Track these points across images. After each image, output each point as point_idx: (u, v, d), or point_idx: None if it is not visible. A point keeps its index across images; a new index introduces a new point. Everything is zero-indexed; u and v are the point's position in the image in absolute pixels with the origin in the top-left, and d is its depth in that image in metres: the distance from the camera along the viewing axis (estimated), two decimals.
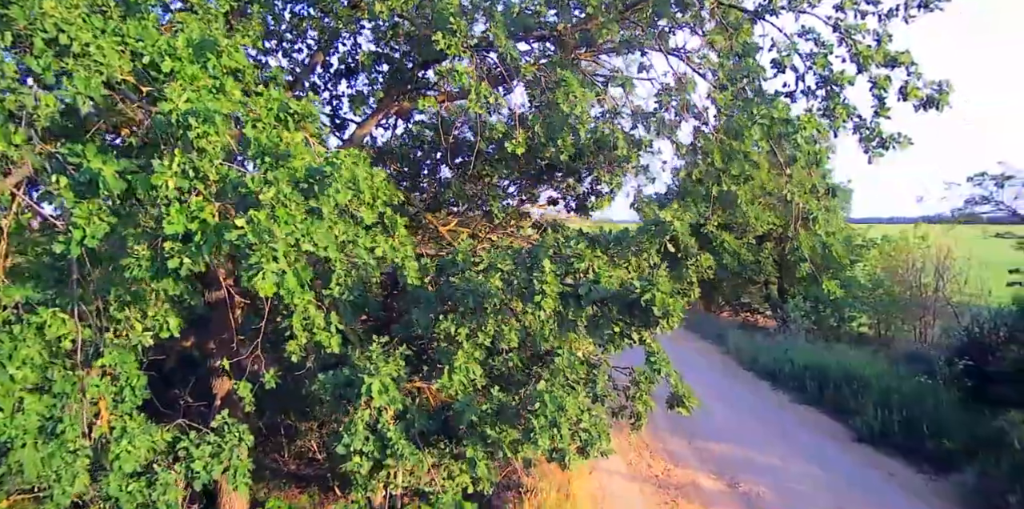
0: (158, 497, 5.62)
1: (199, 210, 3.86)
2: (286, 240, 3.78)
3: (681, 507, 11.51)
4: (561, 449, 5.97)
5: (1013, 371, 14.04)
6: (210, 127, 3.79)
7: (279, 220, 3.84)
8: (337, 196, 4.17)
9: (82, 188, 3.77)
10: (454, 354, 6.09)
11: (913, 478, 12.58)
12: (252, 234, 3.66)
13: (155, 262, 4.10)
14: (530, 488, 11.53)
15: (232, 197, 4.05)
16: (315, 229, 4.13)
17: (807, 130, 6.47)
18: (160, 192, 3.78)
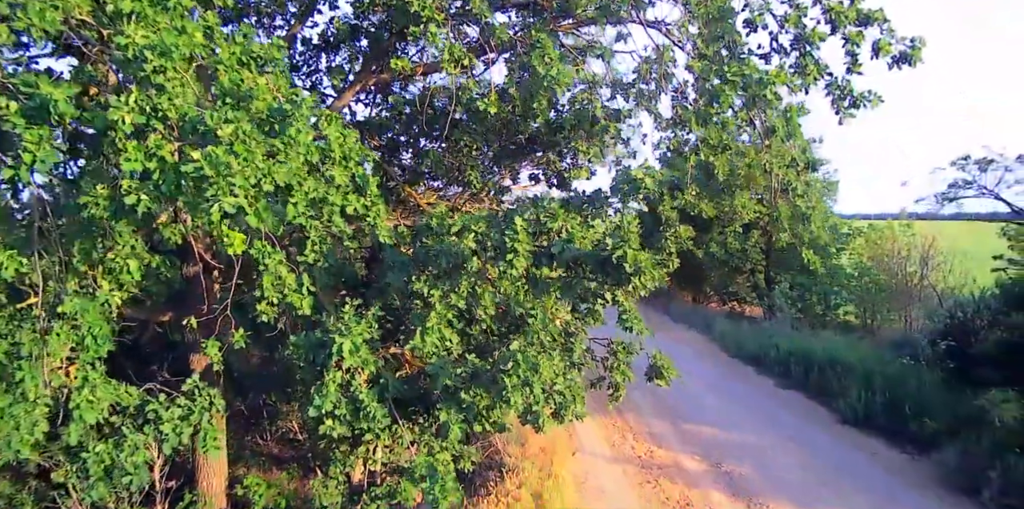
0: (125, 458, 5.55)
1: (157, 148, 3.80)
2: (243, 173, 3.72)
3: (663, 486, 11.51)
4: (535, 411, 5.94)
5: (995, 353, 14.11)
6: (167, 62, 3.72)
7: (238, 156, 3.77)
8: (299, 136, 4.12)
9: (32, 113, 3.69)
10: (427, 316, 6.04)
11: (896, 458, 12.65)
12: (208, 167, 3.60)
13: (114, 201, 4.03)
14: (512, 468, 11.51)
15: (192, 138, 3.98)
16: (277, 169, 4.07)
17: (777, 83, 6.45)
18: (118, 129, 3.71)
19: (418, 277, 6.14)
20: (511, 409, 5.68)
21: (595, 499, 11.05)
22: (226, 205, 3.62)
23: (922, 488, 11.27)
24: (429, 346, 5.89)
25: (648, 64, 7.50)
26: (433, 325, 5.90)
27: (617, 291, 6.22)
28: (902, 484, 11.47)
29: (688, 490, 11.30)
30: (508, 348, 5.92)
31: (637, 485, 11.63)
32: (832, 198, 25.37)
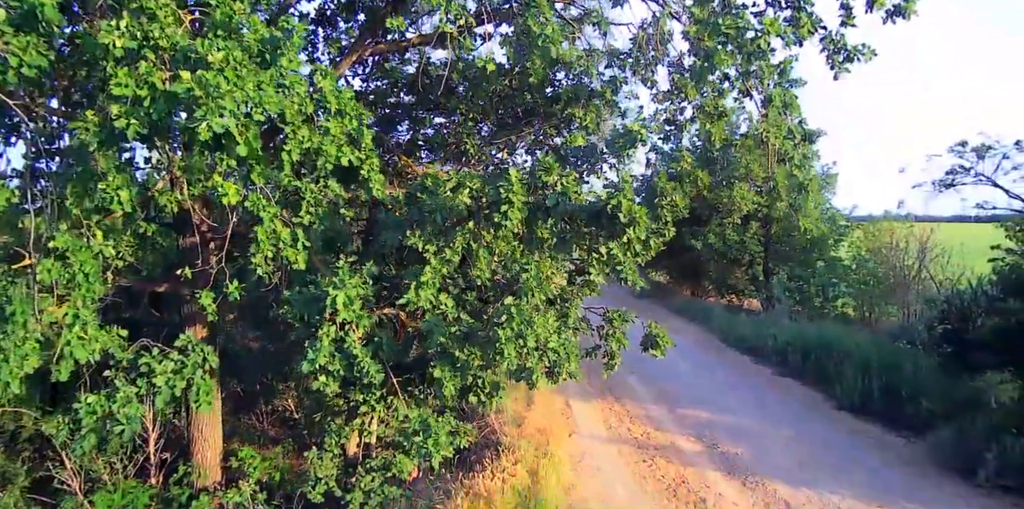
0: (118, 409, 5.53)
1: (148, 75, 3.79)
2: (232, 95, 3.71)
3: (659, 465, 11.49)
4: (529, 368, 5.92)
5: (992, 339, 14.09)
6: None
7: (228, 81, 3.77)
8: (290, 65, 4.12)
9: (19, 21, 3.68)
10: (421, 271, 6.03)
11: (892, 441, 12.62)
12: (198, 88, 3.59)
13: (104, 127, 4.02)
14: (508, 446, 11.48)
15: (184, 67, 3.97)
16: (268, 98, 4.06)
17: (771, 33, 6.45)
18: (108, 54, 3.71)
19: (413, 233, 6.13)
20: (504, 362, 5.65)
21: (591, 477, 11.04)
22: (215, 125, 3.61)
23: (918, 469, 11.25)
24: (424, 301, 5.88)
25: (644, 31, 7.51)
26: (428, 280, 5.88)
27: (612, 243, 6.20)
28: (897, 465, 11.45)
29: (684, 469, 11.28)
30: (503, 303, 5.90)
31: (633, 464, 11.61)
32: (831, 191, 25.40)
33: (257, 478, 9.28)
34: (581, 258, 8.29)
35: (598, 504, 9.99)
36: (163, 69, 3.91)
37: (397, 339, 7.00)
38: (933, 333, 14.56)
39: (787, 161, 8.11)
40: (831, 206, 25.17)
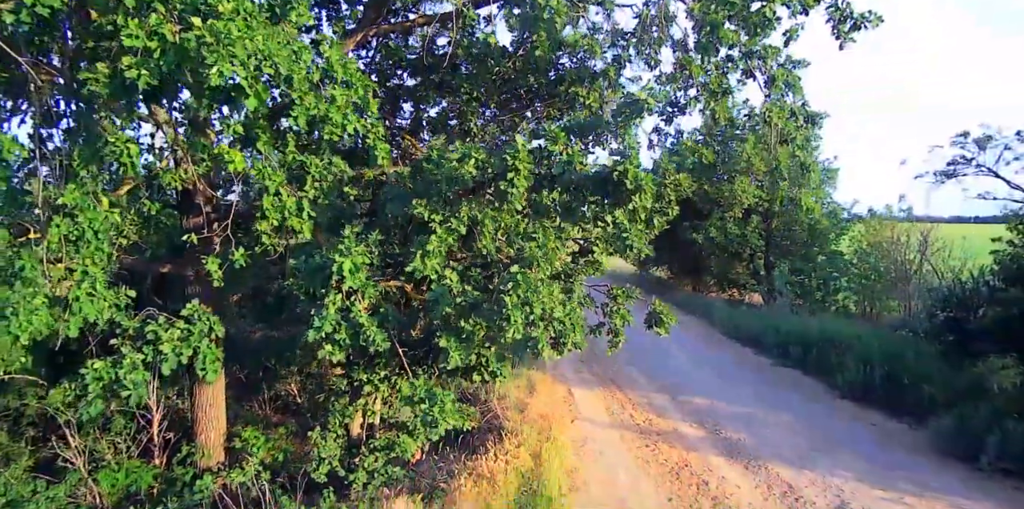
0: (124, 374, 5.55)
1: (158, 26, 3.82)
2: (243, 43, 3.73)
3: (661, 449, 11.50)
4: (534, 337, 5.93)
5: (993, 327, 14.11)
6: None
7: (239, 29, 3.78)
8: (300, 20, 4.14)
9: None
10: (427, 240, 6.03)
11: (893, 427, 12.63)
12: (209, 35, 3.62)
13: (114, 78, 4.04)
14: (511, 431, 11.50)
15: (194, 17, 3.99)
16: (278, 52, 4.08)
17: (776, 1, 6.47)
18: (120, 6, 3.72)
19: (419, 203, 6.13)
20: (511, 330, 5.65)
21: (593, 461, 11.05)
22: (225, 70, 3.63)
23: (919, 455, 11.26)
24: (429, 270, 5.89)
25: (648, 9, 7.53)
26: (434, 248, 5.89)
27: (618, 212, 6.21)
28: (899, 451, 11.46)
29: (686, 453, 11.29)
30: (509, 272, 5.90)
31: (635, 448, 11.62)
32: (832, 186, 25.39)
33: (260, 458, 9.28)
34: (585, 237, 8.31)
35: (601, 487, 10.00)
36: (173, 21, 3.93)
37: (403, 313, 7.01)
38: (935, 321, 14.55)
39: (790, 141, 8.12)
40: (832, 201, 25.18)
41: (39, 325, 4.76)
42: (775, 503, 9.40)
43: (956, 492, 9.67)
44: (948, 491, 9.70)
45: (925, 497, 9.52)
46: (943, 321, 14.15)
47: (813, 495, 9.62)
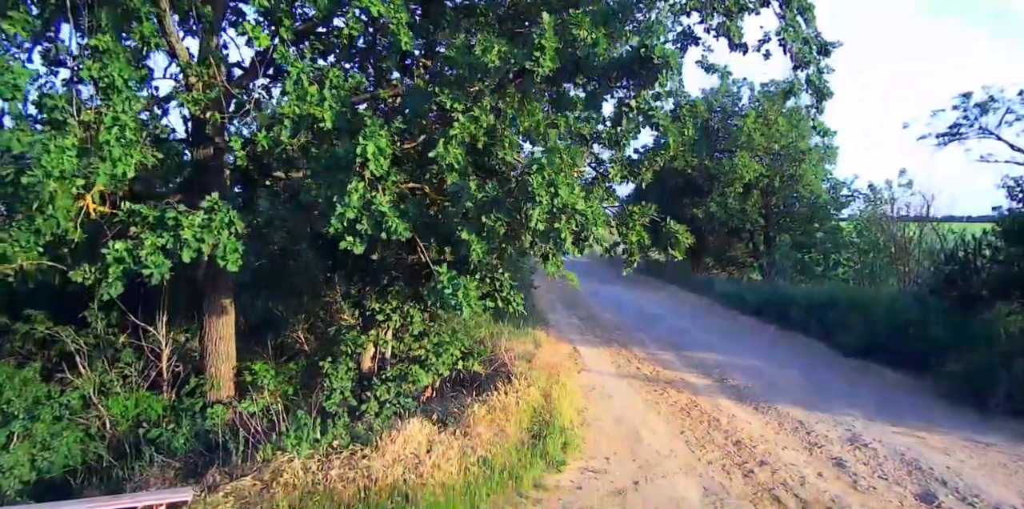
0: (146, 256, 5.49)
1: None
2: None
3: (669, 394, 11.50)
4: (557, 229, 5.91)
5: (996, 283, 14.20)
6: None
7: None
8: None
9: None
10: (449, 128, 5.98)
11: (901, 378, 12.63)
12: None
13: None
14: (519, 375, 11.45)
15: None
16: None
17: None
18: None
19: (441, 91, 6.08)
20: (534, 216, 5.59)
21: (602, 402, 11.04)
22: None
23: (928, 400, 11.28)
24: (451, 157, 5.85)
25: None
26: (456, 134, 5.85)
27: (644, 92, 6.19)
28: (907, 396, 11.50)
29: (695, 396, 11.29)
30: (532, 156, 5.87)
31: (644, 393, 11.62)
32: (831, 162, 25.48)
33: (271, 391, 9.21)
34: (600, 161, 8.28)
35: (612, 422, 9.98)
36: None
37: (423, 213, 6.93)
38: (939, 277, 14.61)
39: (804, 67, 8.14)
40: (832, 177, 25.28)
41: (70, 167, 4.69)
42: (787, 436, 9.40)
43: (966, 429, 9.69)
44: (958, 428, 9.72)
45: (936, 432, 9.54)
46: (947, 275, 14.19)
47: (824, 430, 9.63)
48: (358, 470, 6.79)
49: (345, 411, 8.40)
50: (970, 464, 8.38)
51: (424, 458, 7.07)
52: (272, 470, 6.68)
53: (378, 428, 7.61)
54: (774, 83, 24.50)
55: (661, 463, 8.40)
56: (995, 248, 15.13)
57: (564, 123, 6.30)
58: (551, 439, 8.50)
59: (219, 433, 8.04)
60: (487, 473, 7.33)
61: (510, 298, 8.75)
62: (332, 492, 6.50)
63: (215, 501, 6.22)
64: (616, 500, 7.32)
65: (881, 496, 7.46)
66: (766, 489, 7.62)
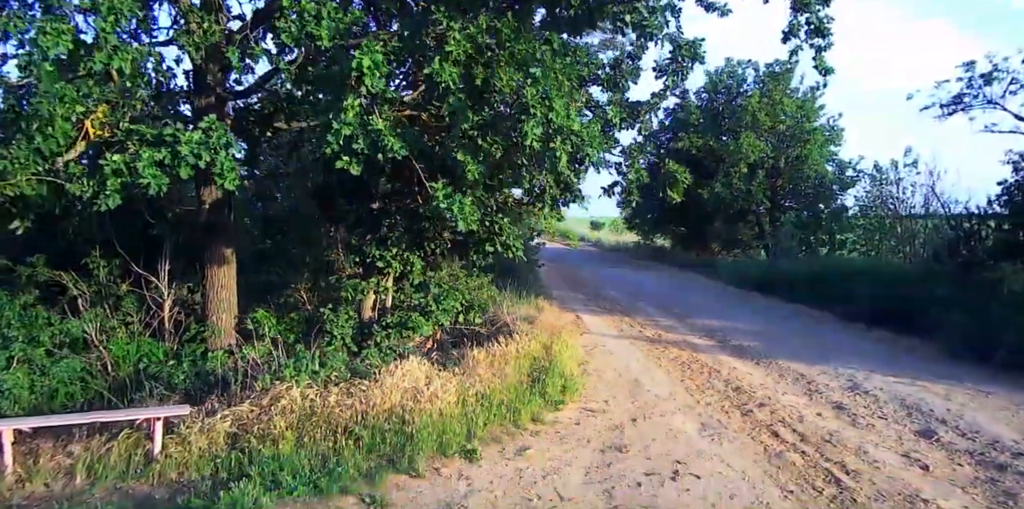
0: (143, 168, 5.54)
1: None
2: None
3: (671, 351, 11.48)
4: (552, 148, 5.92)
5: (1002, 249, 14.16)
6: None
7: None
8: None
9: None
10: (444, 46, 5.99)
11: (906, 341, 12.53)
12: None
13: None
14: (521, 332, 11.46)
15: None
16: None
17: None
18: None
19: (437, 9, 6.09)
20: (530, 133, 5.59)
21: (604, 357, 11.04)
22: None
23: (932, 358, 11.20)
24: (446, 75, 5.86)
25: None
26: (452, 50, 5.86)
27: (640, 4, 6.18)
28: (912, 355, 11.46)
29: (696, 354, 11.28)
30: (527, 72, 5.86)
31: (645, 350, 11.62)
32: (836, 144, 25.37)
33: (272, 338, 9.23)
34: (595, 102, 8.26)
35: (613, 373, 9.98)
36: None
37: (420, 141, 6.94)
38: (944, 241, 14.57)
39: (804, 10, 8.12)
40: (838, 158, 25.19)
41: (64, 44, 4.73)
42: (788, 385, 9.38)
43: (968, 380, 9.62)
44: (960, 380, 9.65)
45: (938, 383, 9.48)
46: (951, 241, 14.15)
47: (825, 380, 9.60)
48: (356, 397, 6.82)
49: (345, 352, 8.42)
50: (971, 407, 8.34)
51: (423, 389, 7.08)
52: (270, 397, 6.71)
53: (377, 364, 7.64)
54: (778, 63, 24.44)
55: (660, 405, 8.40)
56: (1000, 217, 15.08)
57: (557, 41, 6.29)
58: (550, 381, 8.51)
59: (219, 373, 8.08)
60: (485, 405, 7.35)
61: (510, 243, 8.76)
62: (330, 416, 6.54)
63: (213, 421, 6.26)
64: (614, 433, 7.33)
65: (880, 432, 7.43)
66: (764, 425, 7.62)
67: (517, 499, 5.58)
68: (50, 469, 5.74)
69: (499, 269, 15.56)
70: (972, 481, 6.12)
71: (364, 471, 5.90)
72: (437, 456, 6.35)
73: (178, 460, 5.91)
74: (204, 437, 6.06)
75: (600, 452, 6.73)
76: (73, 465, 5.77)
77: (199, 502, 5.10)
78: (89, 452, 5.85)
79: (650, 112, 8.45)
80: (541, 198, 9.21)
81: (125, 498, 5.41)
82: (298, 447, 6.07)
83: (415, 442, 6.29)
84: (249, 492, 5.19)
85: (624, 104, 8.37)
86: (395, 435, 6.37)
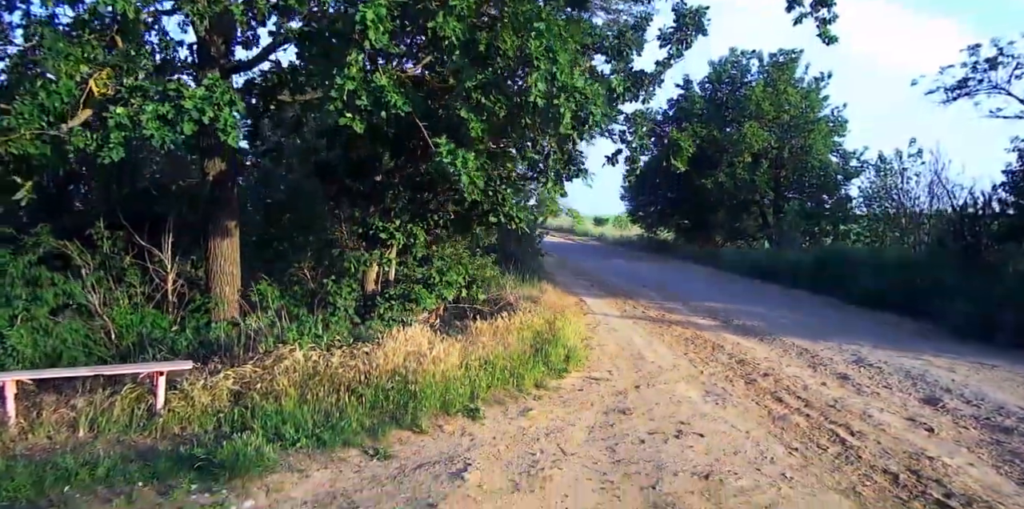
0: (147, 121, 5.55)
1: None
2: None
3: (675, 329, 11.46)
4: (557, 105, 5.90)
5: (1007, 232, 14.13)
6: None
7: None
8: None
9: None
10: None
11: (906, 322, 12.52)
12: None
13: None
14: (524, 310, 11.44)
15: None
16: None
17: None
18: None
19: None
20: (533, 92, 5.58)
21: (606, 334, 11.03)
22: None
23: (935, 337, 11.16)
24: (450, 29, 5.85)
25: None
26: (456, 4, 5.84)
27: None
28: (915, 335, 11.41)
29: (700, 332, 11.25)
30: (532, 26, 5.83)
31: (648, 328, 11.61)
32: (840, 134, 25.28)
33: (276, 309, 9.22)
34: None
35: (616, 347, 9.97)
36: None
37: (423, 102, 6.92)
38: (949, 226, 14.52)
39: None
40: (842, 148, 25.09)
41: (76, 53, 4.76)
42: (792, 359, 9.36)
43: (972, 356, 9.58)
44: (964, 355, 9.61)
45: (942, 357, 9.44)
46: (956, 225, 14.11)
47: (829, 354, 9.58)
48: (359, 359, 6.81)
49: (348, 323, 8.41)
50: (975, 378, 8.32)
51: (426, 352, 7.07)
52: (274, 358, 6.72)
53: (381, 330, 7.63)
54: (783, 52, 24.40)
55: (663, 374, 8.38)
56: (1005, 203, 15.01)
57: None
58: (553, 351, 8.50)
59: (223, 341, 8.07)
60: (488, 370, 7.33)
61: (513, 214, 8.74)
62: (333, 376, 6.53)
63: (216, 379, 6.25)
64: (617, 398, 7.31)
65: (885, 399, 7.41)
66: (768, 392, 7.60)
67: (521, 453, 5.57)
68: (53, 422, 5.73)
69: (502, 255, 15.60)
70: (978, 442, 6.08)
71: (367, 427, 5.89)
72: (440, 414, 6.35)
73: (181, 415, 5.91)
74: (207, 393, 6.06)
75: (603, 414, 6.72)
76: (76, 418, 5.77)
77: (202, 451, 5.09)
78: (92, 406, 5.85)
79: (654, 83, 8.43)
80: (544, 173, 9.21)
81: (128, 449, 5.40)
82: (301, 403, 6.06)
83: (418, 400, 6.28)
84: (252, 442, 5.18)
85: (628, 73, 8.36)
86: (398, 394, 6.37)
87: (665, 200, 30.03)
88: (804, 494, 4.82)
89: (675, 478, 5.06)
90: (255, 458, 4.98)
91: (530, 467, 5.23)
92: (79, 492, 4.58)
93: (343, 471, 5.14)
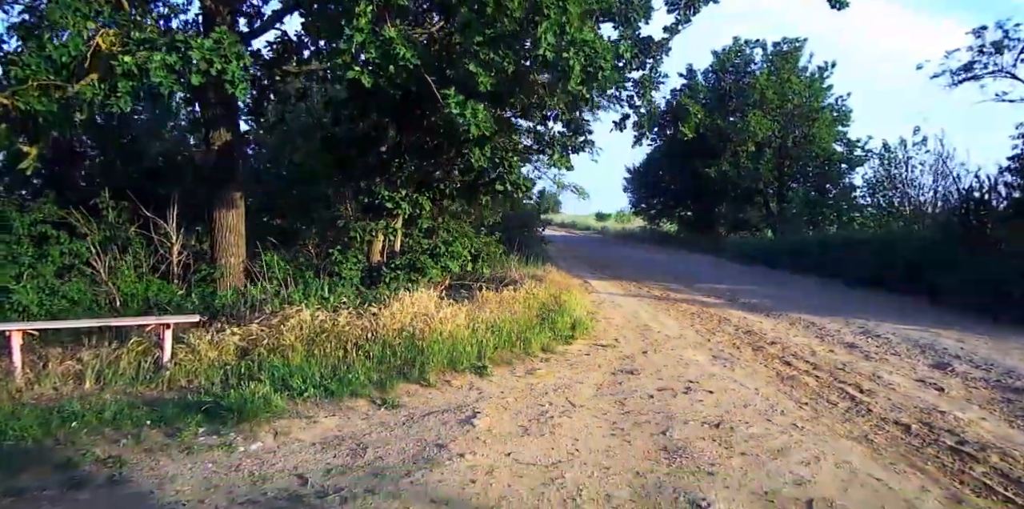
0: (154, 70, 5.52)
1: None
2: None
3: (680, 306, 11.42)
4: (566, 58, 5.87)
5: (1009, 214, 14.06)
6: None
7: None
8: None
9: None
10: None
11: (910, 301, 12.43)
12: None
13: None
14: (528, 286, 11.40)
15: None
16: None
17: None
18: None
19: None
20: (543, 29, 5.53)
21: (612, 309, 10.98)
22: None
23: (938, 314, 11.09)
24: None
25: None
26: None
27: None
28: (918, 311, 11.33)
29: (706, 308, 11.20)
30: None
31: (654, 305, 11.57)
32: (845, 124, 25.20)
33: (280, 279, 9.19)
34: None
35: (622, 319, 9.93)
36: None
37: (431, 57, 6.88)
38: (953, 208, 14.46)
39: None
40: (846, 137, 24.99)
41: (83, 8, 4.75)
42: (799, 331, 9.31)
43: (977, 330, 9.51)
44: (970, 329, 9.53)
45: (950, 329, 9.38)
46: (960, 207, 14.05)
47: (836, 327, 9.53)
48: (366, 318, 6.78)
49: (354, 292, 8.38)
50: (984, 347, 8.27)
51: (433, 314, 7.04)
52: (280, 317, 6.69)
53: (388, 293, 7.60)
54: (787, 41, 24.35)
55: (670, 342, 8.34)
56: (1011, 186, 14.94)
57: None
58: (560, 320, 8.47)
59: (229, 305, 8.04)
60: (495, 333, 7.30)
61: (520, 182, 8.71)
62: (340, 334, 6.50)
63: (222, 336, 6.23)
64: (624, 361, 7.27)
65: (893, 364, 7.37)
66: (776, 357, 7.57)
67: (530, 404, 5.53)
68: (59, 374, 5.70)
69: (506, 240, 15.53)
70: (988, 400, 6.04)
71: (375, 380, 5.86)
72: (447, 370, 6.32)
73: (187, 368, 5.89)
74: (213, 348, 6.03)
75: (611, 374, 6.69)
76: (82, 371, 5.74)
77: (209, 399, 5.06)
78: (98, 359, 5.82)
79: (661, 50, 8.39)
80: (551, 145, 9.17)
81: (135, 399, 5.38)
82: (308, 357, 6.03)
83: (426, 356, 6.25)
84: (259, 391, 5.15)
85: (636, 39, 8.32)
86: (406, 350, 6.34)
87: (668, 192, 29.97)
88: (816, 440, 4.79)
89: (685, 426, 5.03)
90: (263, 405, 4.96)
91: (539, 416, 5.20)
92: (86, 433, 4.55)
93: (351, 418, 5.11)
